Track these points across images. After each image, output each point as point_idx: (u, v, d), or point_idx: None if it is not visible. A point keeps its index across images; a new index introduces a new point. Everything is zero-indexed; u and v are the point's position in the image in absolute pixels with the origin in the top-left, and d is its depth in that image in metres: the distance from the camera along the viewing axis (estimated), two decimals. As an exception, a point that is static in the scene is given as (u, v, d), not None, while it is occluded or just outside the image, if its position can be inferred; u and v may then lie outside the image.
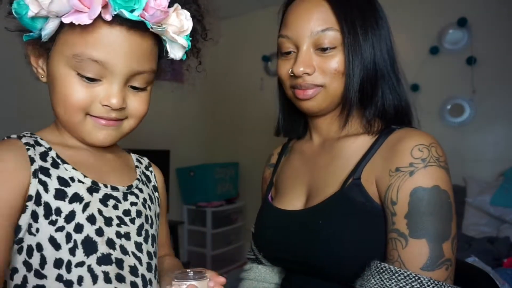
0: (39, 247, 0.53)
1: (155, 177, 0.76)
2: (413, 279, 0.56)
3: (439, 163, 0.62)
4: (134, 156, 0.76)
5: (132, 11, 0.52)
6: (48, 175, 0.56)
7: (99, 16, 0.50)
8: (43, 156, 0.57)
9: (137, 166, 0.73)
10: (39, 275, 0.53)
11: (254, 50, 3.45)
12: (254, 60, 3.46)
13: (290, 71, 0.73)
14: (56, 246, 0.53)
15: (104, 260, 0.56)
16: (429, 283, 0.55)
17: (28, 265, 0.53)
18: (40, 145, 0.59)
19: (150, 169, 0.77)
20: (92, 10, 0.49)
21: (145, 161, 0.78)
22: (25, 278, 0.53)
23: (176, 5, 0.56)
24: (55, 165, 0.57)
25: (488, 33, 2.48)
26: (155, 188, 0.74)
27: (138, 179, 0.69)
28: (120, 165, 0.68)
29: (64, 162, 0.58)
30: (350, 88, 0.69)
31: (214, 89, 3.72)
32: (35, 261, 0.53)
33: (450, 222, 0.59)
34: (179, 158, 3.17)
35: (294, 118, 0.85)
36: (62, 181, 0.56)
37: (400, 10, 2.60)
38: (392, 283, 0.57)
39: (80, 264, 0.54)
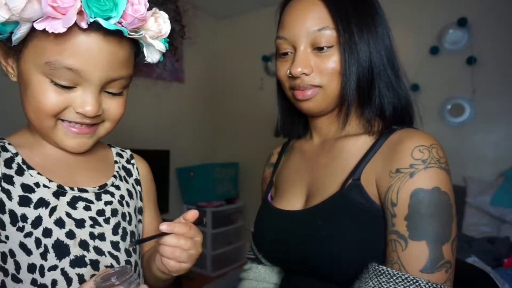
0: (12, 253, 0.54)
1: (137, 170, 0.75)
2: (411, 282, 0.56)
3: (440, 165, 0.61)
4: (114, 150, 0.74)
5: (108, 18, 0.50)
6: (11, 182, 0.56)
7: (74, 22, 0.49)
8: (8, 162, 0.57)
9: (116, 162, 0.72)
10: (16, 279, 0.54)
11: (254, 50, 3.44)
12: (254, 60, 3.45)
13: (288, 72, 0.72)
14: (27, 251, 0.54)
15: (78, 262, 0.56)
16: (427, 286, 0.55)
17: (4, 271, 0.54)
18: (7, 150, 0.59)
19: (132, 161, 0.75)
20: (66, 18, 0.47)
21: (127, 154, 0.76)
22: (3, 283, 0.54)
23: (154, 9, 0.55)
24: (19, 171, 0.57)
25: (488, 33, 2.48)
26: (136, 182, 0.73)
27: (114, 176, 0.68)
28: (95, 164, 0.67)
29: (29, 167, 0.58)
30: (347, 87, 0.68)
31: (214, 89, 3.72)
32: (10, 266, 0.54)
33: (450, 224, 0.59)
34: (179, 158, 3.17)
35: (294, 119, 0.85)
36: (26, 187, 0.56)
37: (400, 10, 2.60)
38: (390, 286, 0.56)
39: (53, 268, 0.55)
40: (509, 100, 2.43)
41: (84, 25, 0.49)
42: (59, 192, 0.59)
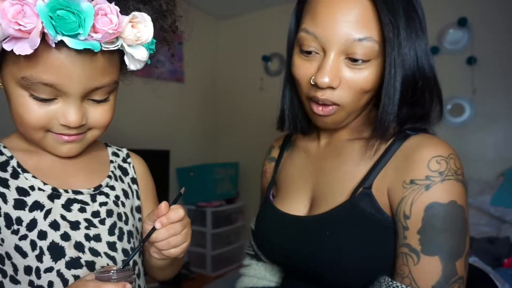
0: (8, 255, 0.54)
1: (133, 169, 0.74)
2: None
3: (457, 177, 0.58)
4: (110, 150, 0.73)
5: (77, 34, 0.47)
6: (7, 186, 0.56)
7: (44, 38, 0.46)
8: (3, 166, 0.58)
9: (112, 161, 0.71)
10: (14, 280, 0.54)
11: (254, 50, 3.44)
12: (254, 60, 3.45)
13: (312, 80, 0.63)
14: (23, 254, 0.54)
15: (73, 264, 0.57)
16: None
17: (3, 272, 0.54)
18: (1, 154, 0.59)
19: (129, 160, 0.74)
20: (31, 39, 0.45)
21: (123, 152, 0.75)
22: (1, 284, 0.54)
23: (132, 14, 0.52)
24: (14, 175, 0.58)
25: (488, 33, 2.47)
26: (133, 180, 0.72)
27: (109, 176, 0.68)
28: (90, 164, 0.67)
29: (24, 171, 0.58)
30: (389, 111, 0.61)
31: (214, 89, 3.72)
32: (8, 268, 0.54)
33: (464, 238, 0.57)
34: (179, 158, 3.17)
35: (303, 115, 0.77)
36: (21, 191, 0.57)
37: (400, 10, 2.60)
38: None
39: (49, 270, 0.55)
40: (509, 100, 2.43)
41: (51, 43, 0.47)
42: (54, 195, 0.59)
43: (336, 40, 0.59)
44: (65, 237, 0.57)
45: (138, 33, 0.53)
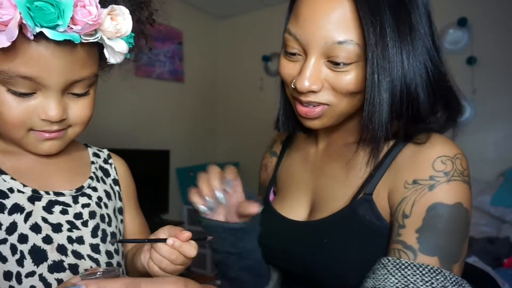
0: None
1: (115, 169, 0.73)
2: (436, 272, 0.52)
3: (463, 178, 0.56)
4: (91, 150, 0.72)
5: (56, 26, 0.46)
6: None
7: (21, 30, 0.45)
8: None
9: (93, 162, 0.70)
10: None
11: (254, 50, 3.44)
12: (254, 60, 3.46)
13: (292, 83, 0.61)
14: (2, 259, 0.52)
15: (56, 267, 0.55)
16: (451, 277, 0.52)
17: None
18: None
19: (110, 161, 0.73)
20: (8, 31, 0.43)
21: (104, 153, 0.74)
22: None
23: (110, 6, 0.51)
24: None
25: (488, 33, 2.48)
26: (115, 182, 0.71)
27: (91, 177, 0.66)
28: (70, 165, 0.65)
29: (2, 172, 0.57)
30: (374, 120, 0.57)
31: (214, 89, 3.72)
32: None
33: (464, 243, 0.55)
34: (179, 158, 3.17)
35: (295, 116, 0.73)
36: None
37: (400, 10, 2.60)
38: (417, 278, 0.52)
39: (31, 274, 0.53)
40: (509, 100, 2.44)
41: (30, 36, 0.45)
42: (34, 197, 0.57)
43: (316, 43, 0.57)
44: (47, 240, 0.55)
45: (117, 25, 0.52)
